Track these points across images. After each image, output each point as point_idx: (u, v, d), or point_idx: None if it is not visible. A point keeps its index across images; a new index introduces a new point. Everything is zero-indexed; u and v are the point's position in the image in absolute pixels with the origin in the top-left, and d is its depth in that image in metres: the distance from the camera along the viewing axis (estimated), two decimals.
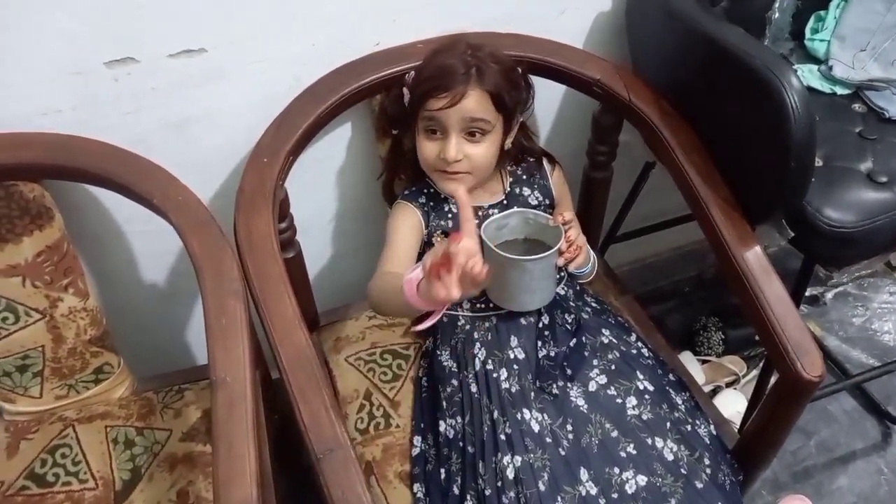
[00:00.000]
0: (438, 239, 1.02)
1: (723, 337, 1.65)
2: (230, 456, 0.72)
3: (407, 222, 1.01)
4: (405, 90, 0.98)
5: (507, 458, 0.89)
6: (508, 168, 1.07)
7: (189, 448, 0.99)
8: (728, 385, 1.59)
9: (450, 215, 1.03)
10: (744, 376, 1.59)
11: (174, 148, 1.00)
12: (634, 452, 0.90)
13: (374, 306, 0.96)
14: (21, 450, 0.98)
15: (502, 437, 0.91)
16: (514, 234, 1.01)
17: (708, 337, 1.66)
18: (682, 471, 0.90)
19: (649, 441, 0.92)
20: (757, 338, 1.57)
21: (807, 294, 1.77)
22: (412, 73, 0.98)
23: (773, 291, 0.89)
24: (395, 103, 1.01)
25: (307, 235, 1.11)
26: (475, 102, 0.92)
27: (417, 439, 1.00)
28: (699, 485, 0.90)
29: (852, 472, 1.46)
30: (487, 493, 0.88)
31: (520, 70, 1.00)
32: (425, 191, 1.05)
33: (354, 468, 0.75)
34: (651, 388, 0.97)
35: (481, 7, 1.08)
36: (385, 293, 0.91)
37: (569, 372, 0.95)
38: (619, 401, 0.94)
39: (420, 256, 1.06)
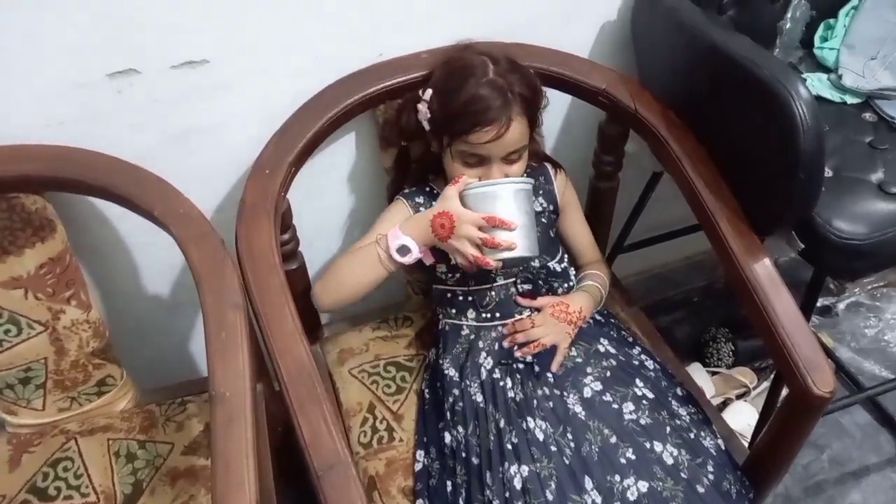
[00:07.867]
0: None
1: (733, 348, 1.62)
2: (228, 472, 0.71)
3: (396, 217, 1.00)
4: (422, 107, 0.96)
5: (514, 468, 0.88)
6: None
7: (191, 462, 0.98)
8: (738, 397, 1.57)
9: None
10: (754, 388, 1.57)
11: (176, 160, 0.99)
12: (634, 457, 0.89)
13: (335, 278, 0.99)
14: (23, 463, 0.98)
15: (508, 446, 0.90)
16: None
17: (717, 348, 1.64)
18: (683, 475, 0.89)
19: (647, 445, 0.90)
20: None
21: (818, 305, 1.75)
22: (429, 91, 0.95)
23: (782, 305, 0.88)
24: (410, 119, 0.99)
25: (311, 247, 1.10)
26: (517, 132, 0.92)
27: (420, 454, 0.99)
28: (700, 489, 0.89)
29: (865, 486, 1.43)
30: (495, 503, 0.87)
31: (531, 71, 0.98)
32: (427, 189, 1.05)
33: (355, 485, 0.74)
34: (650, 395, 0.96)
35: (486, 18, 1.07)
36: (350, 254, 0.98)
37: (536, 369, 0.95)
38: (615, 406, 0.93)
39: None
